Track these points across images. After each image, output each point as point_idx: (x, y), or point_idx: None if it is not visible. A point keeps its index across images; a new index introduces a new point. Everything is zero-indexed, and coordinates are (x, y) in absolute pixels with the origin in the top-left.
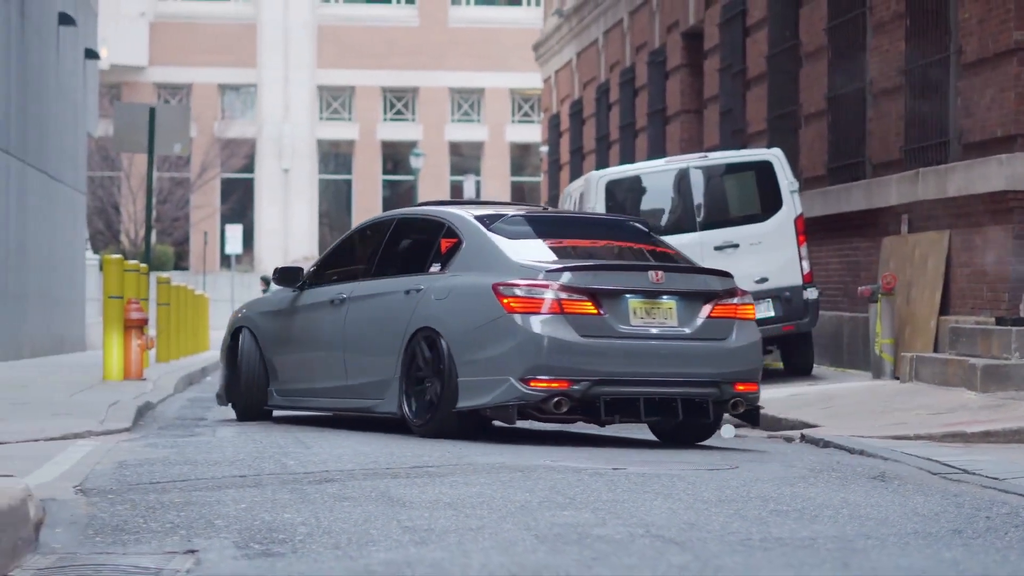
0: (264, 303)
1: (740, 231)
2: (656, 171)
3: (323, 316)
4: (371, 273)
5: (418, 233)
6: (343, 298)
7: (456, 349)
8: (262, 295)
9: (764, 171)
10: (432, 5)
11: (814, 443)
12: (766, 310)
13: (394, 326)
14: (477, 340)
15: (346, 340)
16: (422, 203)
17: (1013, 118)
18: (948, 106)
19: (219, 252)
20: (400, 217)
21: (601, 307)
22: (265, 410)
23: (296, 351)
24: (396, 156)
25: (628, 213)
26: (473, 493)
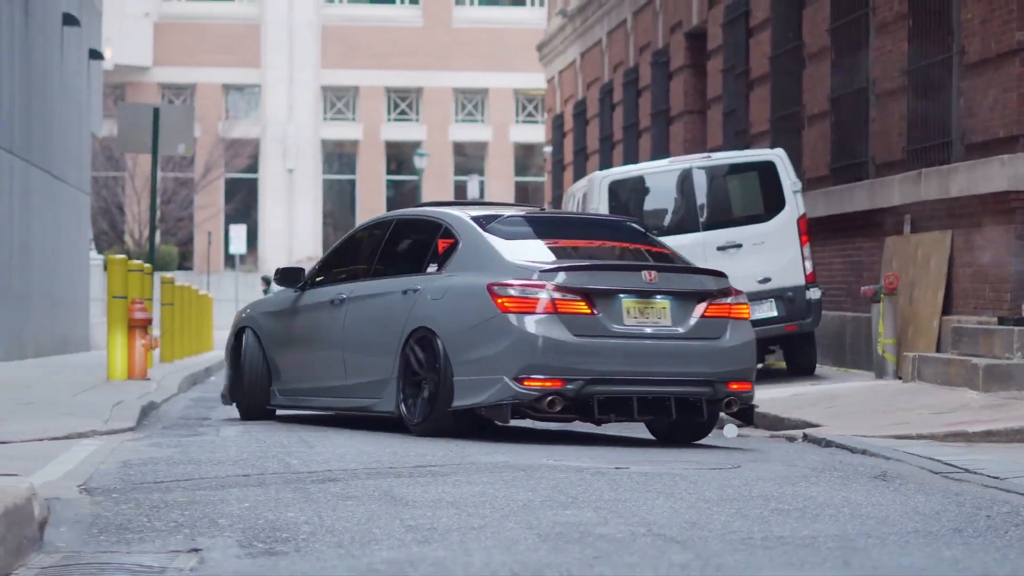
0: (267, 303)
1: (743, 231)
2: (659, 171)
3: (323, 316)
4: (370, 273)
5: (416, 234)
6: (343, 298)
7: (451, 349)
8: (262, 294)
9: (767, 171)
10: (436, 5)
11: (816, 443)
12: (769, 310)
13: (392, 326)
14: (472, 340)
15: (345, 340)
16: (421, 204)
17: (1015, 119)
18: (951, 106)
19: (223, 252)
20: (399, 218)
21: (595, 307)
22: (268, 409)
23: (297, 351)
24: (400, 156)
25: (631, 213)
26: (476, 492)
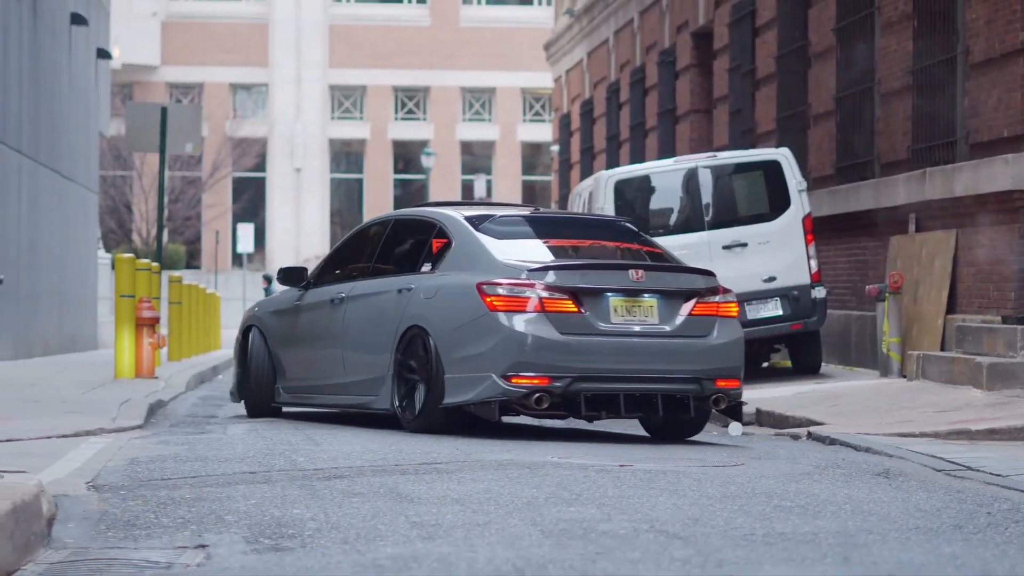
0: (273, 302)
1: (748, 230)
2: (665, 171)
3: (324, 315)
4: (369, 273)
5: (413, 234)
6: (342, 297)
7: (443, 347)
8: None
9: (772, 171)
10: (443, 4)
11: (820, 440)
12: (774, 309)
13: (387, 325)
14: (462, 338)
15: (344, 338)
16: (421, 204)
17: (1020, 118)
18: (955, 106)
19: (231, 251)
20: (397, 218)
21: (582, 305)
22: (274, 407)
23: (300, 349)
24: (407, 155)
25: (637, 212)
26: (480, 489)
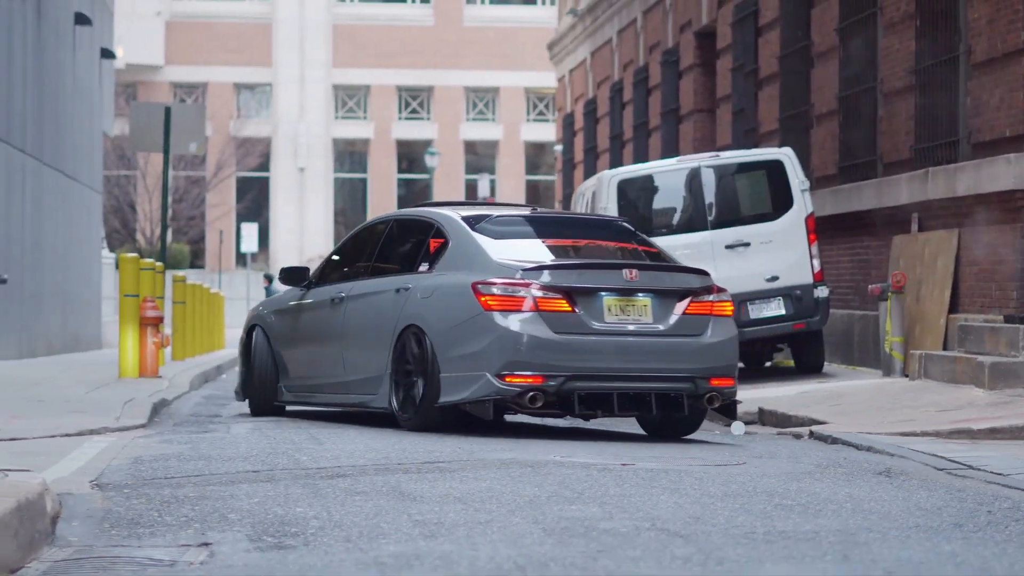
0: (275, 302)
1: (751, 230)
2: (668, 170)
3: (324, 314)
4: (368, 272)
5: (411, 234)
6: (342, 297)
7: (439, 346)
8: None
9: (775, 170)
10: (447, 4)
11: (822, 440)
12: (777, 308)
13: (385, 324)
14: (457, 337)
15: (344, 337)
16: (420, 204)
17: (1022, 118)
18: (958, 105)
19: (235, 250)
20: (396, 218)
21: (576, 305)
22: (277, 406)
23: (301, 348)
24: (411, 155)
25: (640, 212)
26: (483, 488)
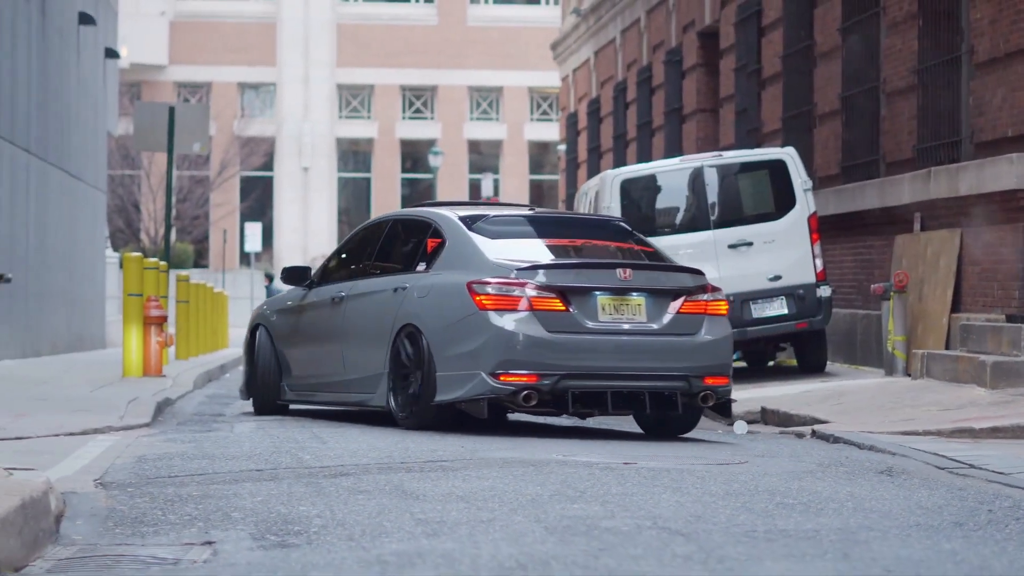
0: (279, 301)
1: (754, 229)
2: (671, 170)
3: (325, 314)
4: (367, 272)
5: (409, 233)
6: (342, 296)
7: (435, 345)
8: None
9: (778, 170)
10: (451, 4)
11: (824, 439)
12: (780, 308)
13: (383, 323)
14: (453, 336)
15: (344, 337)
16: (420, 203)
17: None
18: (960, 105)
19: (238, 250)
20: (396, 218)
21: (570, 304)
22: (280, 404)
23: (303, 347)
24: (415, 154)
25: (643, 212)
26: (485, 487)
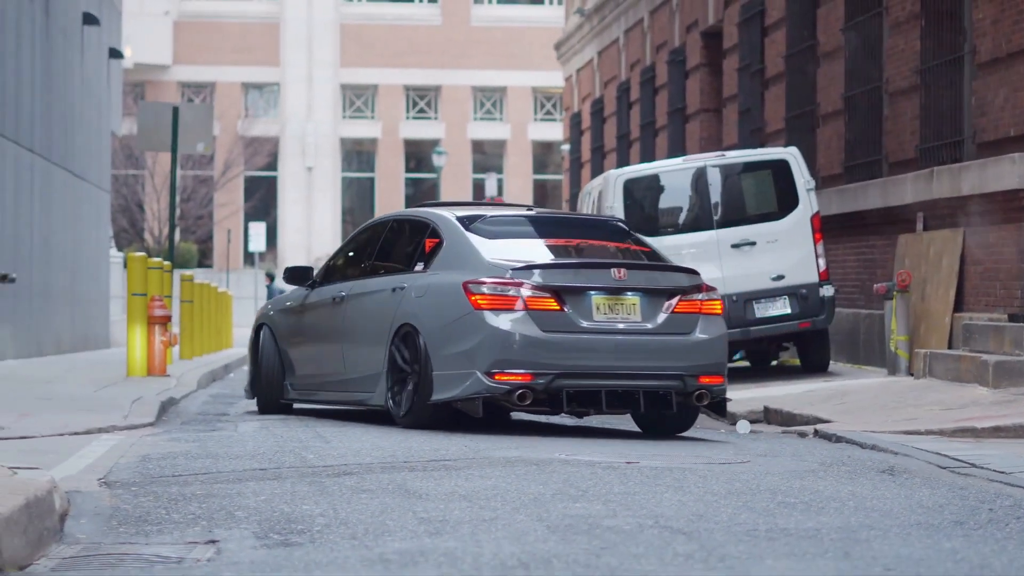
0: (282, 301)
1: (757, 229)
2: (674, 170)
3: (326, 313)
4: (368, 272)
5: (408, 234)
6: (343, 296)
7: (431, 344)
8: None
9: (781, 170)
10: (454, 4)
11: (827, 438)
12: (782, 307)
13: (382, 322)
14: (449, 336)
15: (344, 336)
16: (421, 204)
17: None
18: (962, 105)
19: (243, 250)
20: (395, 218)
21: (565, 304)
22: (284, 403)
23: (305, 347)
24: (419, 154)
25: (646, 211)
26: (488, 486)
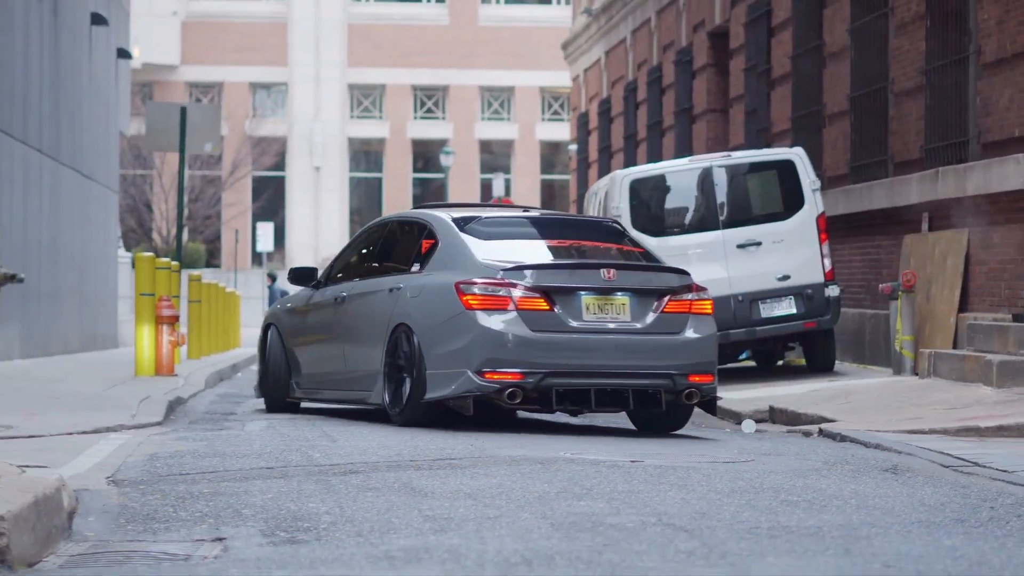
0: (289, 301)
1: (763, 229)
2: (680, 170)
3: (329, 313)
4: (368, 272)
5: (407, 235)
6: (344, 296)
7: (425, 344)
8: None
9: (786, 170)
10: (462, 4)
11: (831, 437)
12: (788, 307)
13: (380, 322)
14: (442, 335)
15: (344, 335)
16: (420, 205)
17: None
18: (968, 106)
19: (250, 250)
20: (395, 219)
21: (555, 304)
22: (291, 402)
23: (310, 346)
24: (426, 154)
25: (652, 212)
26: (493, 484)
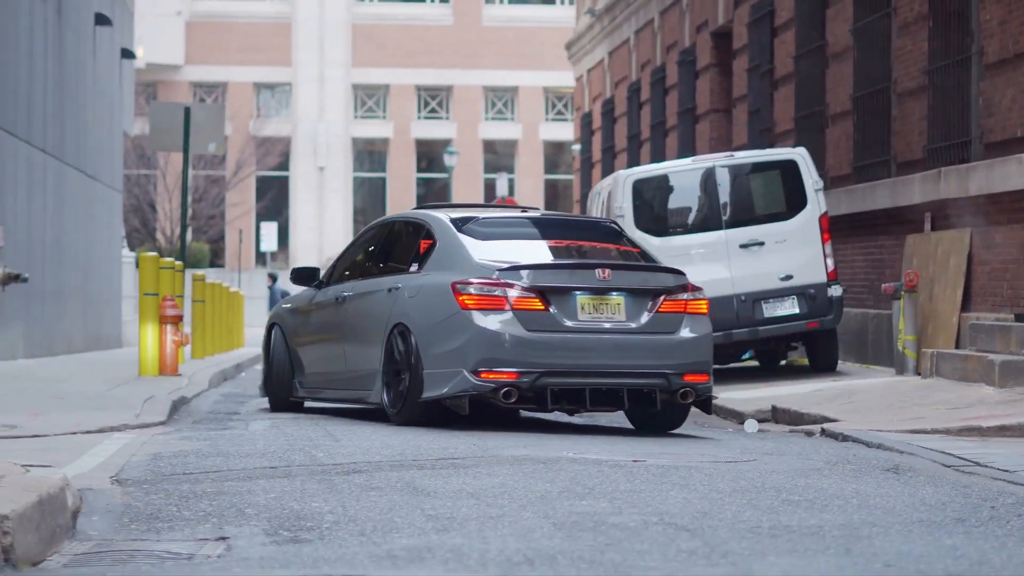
0: (292, 301)
1: (765, 229)
2: (683, 170)
3: (330, 313)
4: (368, 272)
5: (406, 235)
6: (344, 296)
7: (422, 343)
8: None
9: (789, 170)
10: (466, 4)
11: (833, 437)
12: (791, 307)
13: (379, 322)
14: (439, 335)
15: (345, 335)
16: (421, 206)
17: None
18: (970, 106)
19: (254, 249)
20: (395, 220)
21: (550, 304)
22: (294, 401)
23: (312, 346)
24: (430, 154)
25: (655, 212)
26: (496, 484)
